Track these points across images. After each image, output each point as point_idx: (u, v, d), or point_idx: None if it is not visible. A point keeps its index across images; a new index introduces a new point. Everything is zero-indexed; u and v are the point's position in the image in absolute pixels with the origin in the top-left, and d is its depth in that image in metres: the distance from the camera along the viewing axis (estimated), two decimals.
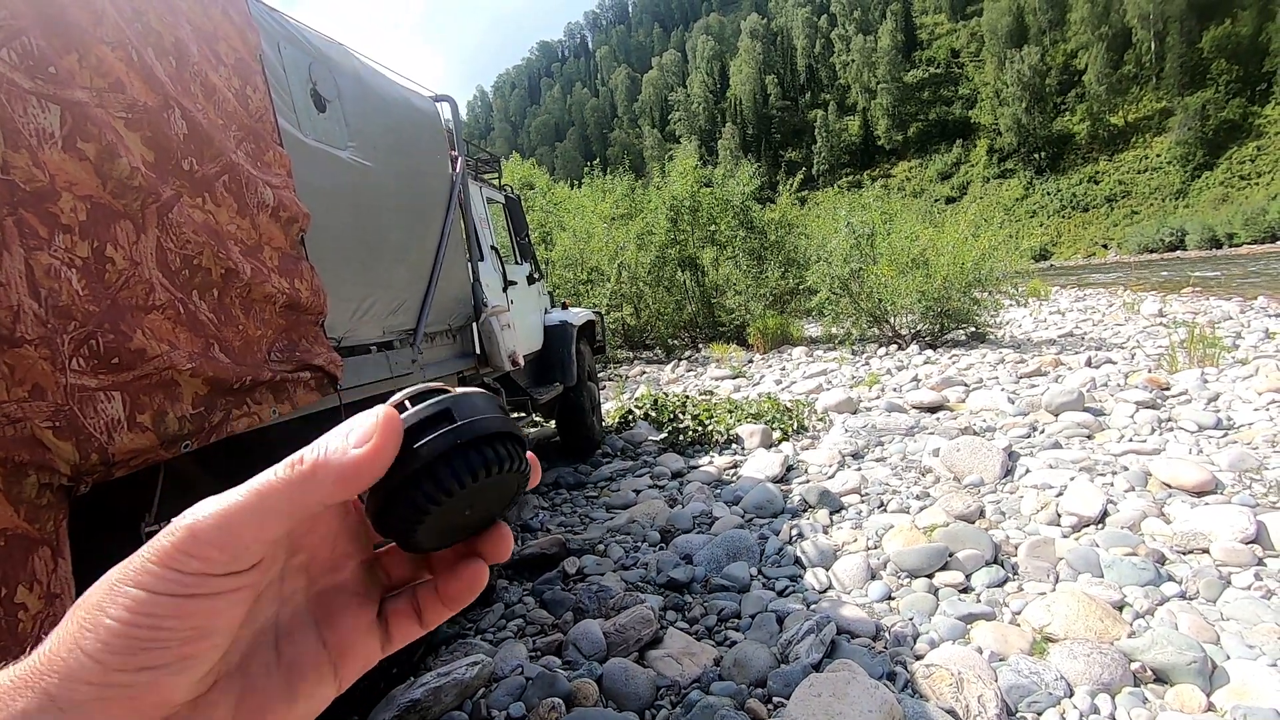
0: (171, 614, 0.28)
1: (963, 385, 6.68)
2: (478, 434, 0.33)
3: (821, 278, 11.13)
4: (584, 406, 5.38)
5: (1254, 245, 60.63)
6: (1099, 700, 2.09)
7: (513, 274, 4.78)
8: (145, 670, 0.28)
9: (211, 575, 0.29)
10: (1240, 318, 10.34)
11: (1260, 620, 2.40)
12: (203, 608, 0.29)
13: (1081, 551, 2.98)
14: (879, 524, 3.56)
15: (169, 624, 0.28)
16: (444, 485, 0.32)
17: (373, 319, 2.67)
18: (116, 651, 0.27)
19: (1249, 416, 4.73)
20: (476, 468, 0.33)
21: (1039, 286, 16.61)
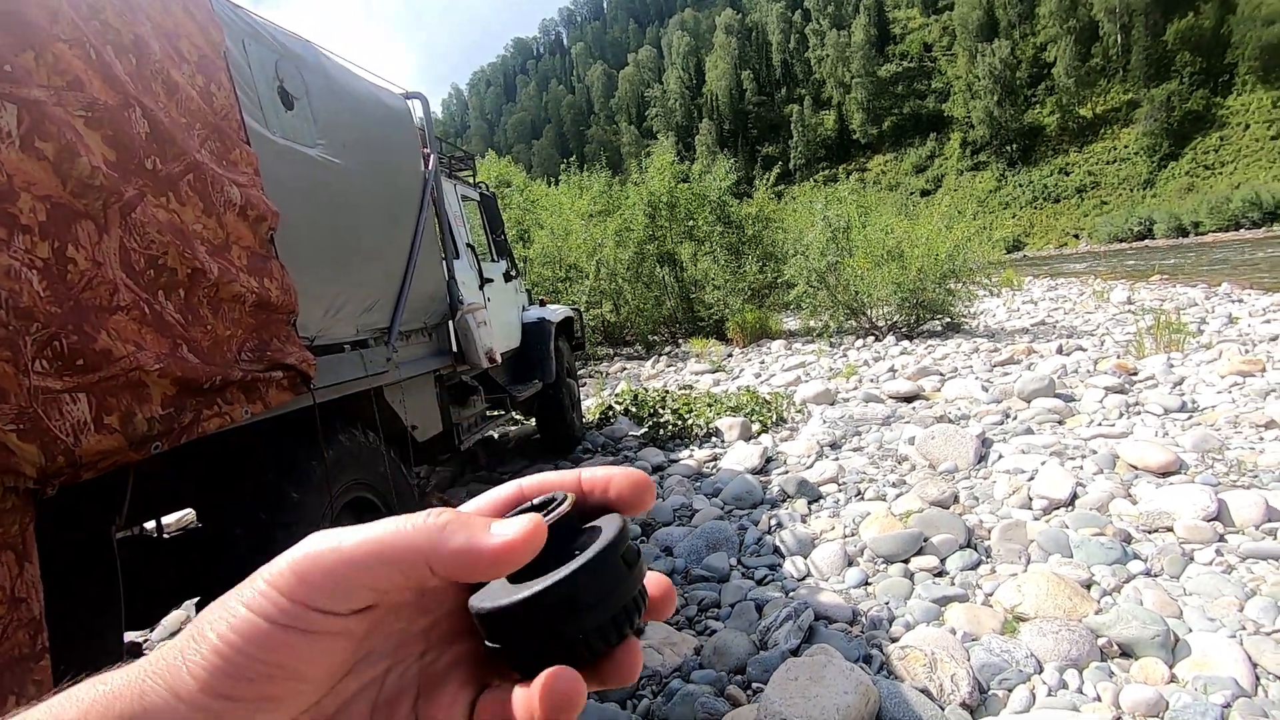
0: (268, 643, 0.27)
1: (938, 374, 6.78)
2: (628, 588, 0.32)
3: (799, 271, 11.22)
4: (564, 403, 5.39)
5: (1218, 233, 62.10)
6: (1067, 675, 2.15)
7: (489, 271, 4.77)
8: (228, 700, 0.27)
9: (312, 609, 0.28)
10: (1205, 304, 10.60)
11: (1220, 594, 2.48)
12: (296, 643, 0.27)
13: (1051, 533, 3.05)
14: (856, 512, 3.62)
15: (262, 654, 0.27)
16: (584, 623, 0.30)
17: (346, 317, 2.66)
18: (214, 673, 0.27)
19: (1212, 399, 4.87)
20: (623, 623, 0.31)
21: (1012, 277, 16.90)
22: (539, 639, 0.30)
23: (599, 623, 0.30)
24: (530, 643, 0.30)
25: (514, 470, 5.20)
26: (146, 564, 2.46)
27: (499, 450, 5.91)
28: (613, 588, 0.31)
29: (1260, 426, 4.18)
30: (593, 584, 0.30)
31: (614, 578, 0.31)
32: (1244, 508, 3.00)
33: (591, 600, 0.30)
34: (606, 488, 0.34)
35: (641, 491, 0.34)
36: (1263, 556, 2.70)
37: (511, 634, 0.31)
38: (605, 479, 0.35)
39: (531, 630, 0.30)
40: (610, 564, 0.31)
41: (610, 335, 13.24)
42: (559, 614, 0.30)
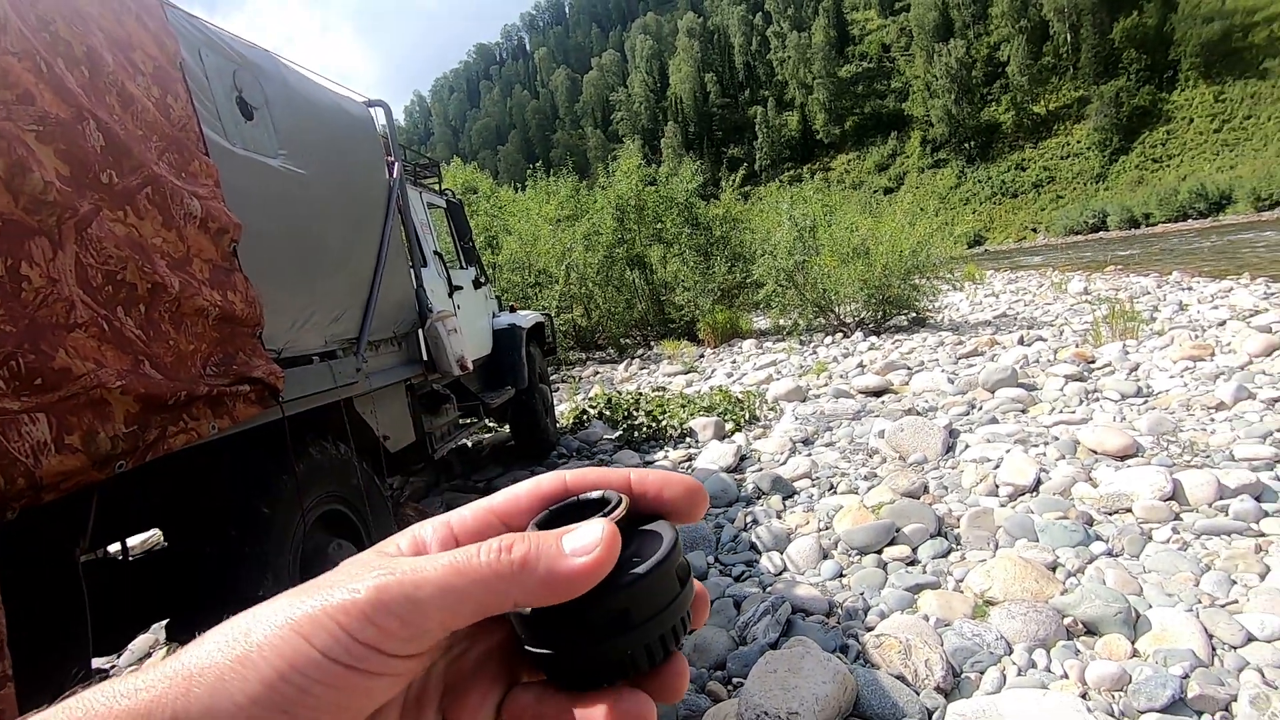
0: (325, 682, 0.25)
1: (905, 368, 6.91)
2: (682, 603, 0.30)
3: (767, 271, 11.34)
4: (537, 409, 5.37)
5: (1168, 224, 64.28)
6: (1035, 655, 2.21)
7: (458, 279, 4.74)
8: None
9: (382, 652, 0.26)
10: (1157, 292, 10.97)
11: (1178, 570, 2.57)
12: (356, 684, 0.26)
13: (1018, 518, 3.13)
14: (830, 505, 3.67)
15: (317, 690, 0.25)
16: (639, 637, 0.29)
17: (313, 328, 2.63)
18: (260, 704, 0.25)
19: (1166, 384, 5.04)
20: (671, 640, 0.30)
21: (974, 271, 17.27)
22: (587, 652, 0.29)
23: (650, 639, 0.29)
24: (577, 655, 0.29)
25: (489, 479, 5.17)
26: (112, 587, 2.40)
27: (473, 458, 5.87)
28: (667, 603, 0.29)
29: (1211, 409, 4.35)
30: (649, 599, 0.29)
31: (669, 592, 0.30)
32: (1197, 487, 3.12)
33: (646, 615, 0.29)
34: (660, 493, 0.32)
35: (696, 499, 0.33)
36: (1215, 533, 2.82)
37: (558, 643, 0.29)
38: (659, 483, 0.33)
39: (580, 642, 0.29)
40: (667, 577, 0.30)
41: (582, 340, 13.23)
42: (612, 627, 0.28)
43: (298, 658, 0.25)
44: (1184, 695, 1.93)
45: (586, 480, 0.33)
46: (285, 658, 0.25)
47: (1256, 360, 5.31)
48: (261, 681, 0.25)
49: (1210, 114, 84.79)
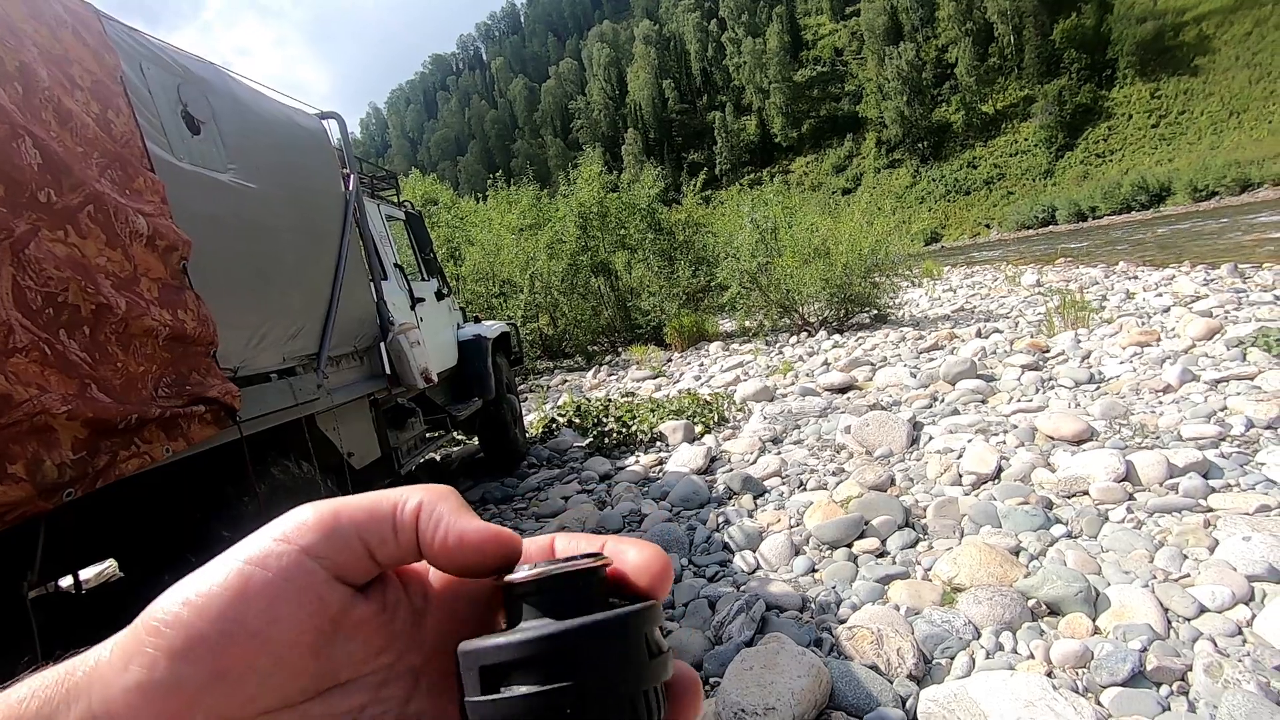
0: (233, 592, 0.27)
1: (869, 365, 7.03)
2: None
3: (731, 273, 11.44)
4: (505, 419, 5.33)
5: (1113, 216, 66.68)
6: (1002, 638, 2.27)
7: (420, 291, 4.69)
8: (169, 677, 0.26)
9: (306, 553, 0.27)
10: (1105, 282, 11.36)
11: (1133, 548, 2.66)
12: (264, 590, 0.27)
13: (981, 506, 3.21)
14: (800, 502, 3.71)
15: (222, 611, 0.26)
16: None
17: (271, 346, 2.57)
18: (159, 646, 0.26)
19: (1116, 369, 5.22)
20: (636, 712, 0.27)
21: (932, 267, 17.69)
22: (533, 708, 0.25)
23: (606, 699, 0.26)
24: (517, 709, 0.25)
25: (460, 491, 5.10)
26: (65, 622, 2.31)
27: (442, 472, 5.79)
28: (627, 664, 0.26)
29: (1159, 392, 4.52)
30: (602, 649, 0.26)
31: (630, 653, 0.26)
32: (1148, 467, 3.23)
33: (599, 667, 0.26)
34: (624, 557, 0.30)
35: (655, 564, 0.30)
36: (1167, 510, 2.92)
37: (495, 686, 0.26)
38: (623, 547, 0.31)
39: (525, 696, 0.25)
40: (629, 635, 0.27)
41: (549, 348, 13.17)
42: (557, 669, 0.25)
43: (204, 576, 0.27)
44: (1143, 668, 1.99)
45: (575, 544, 0.32)
46: (188, 583, 0.27)
47: (1199, 344, 5.53)
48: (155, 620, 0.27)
49: (1148, 110, 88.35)
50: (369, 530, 0.28)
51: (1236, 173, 61.45)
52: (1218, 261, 11.57)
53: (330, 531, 0.28)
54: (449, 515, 0.29)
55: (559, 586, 0.28)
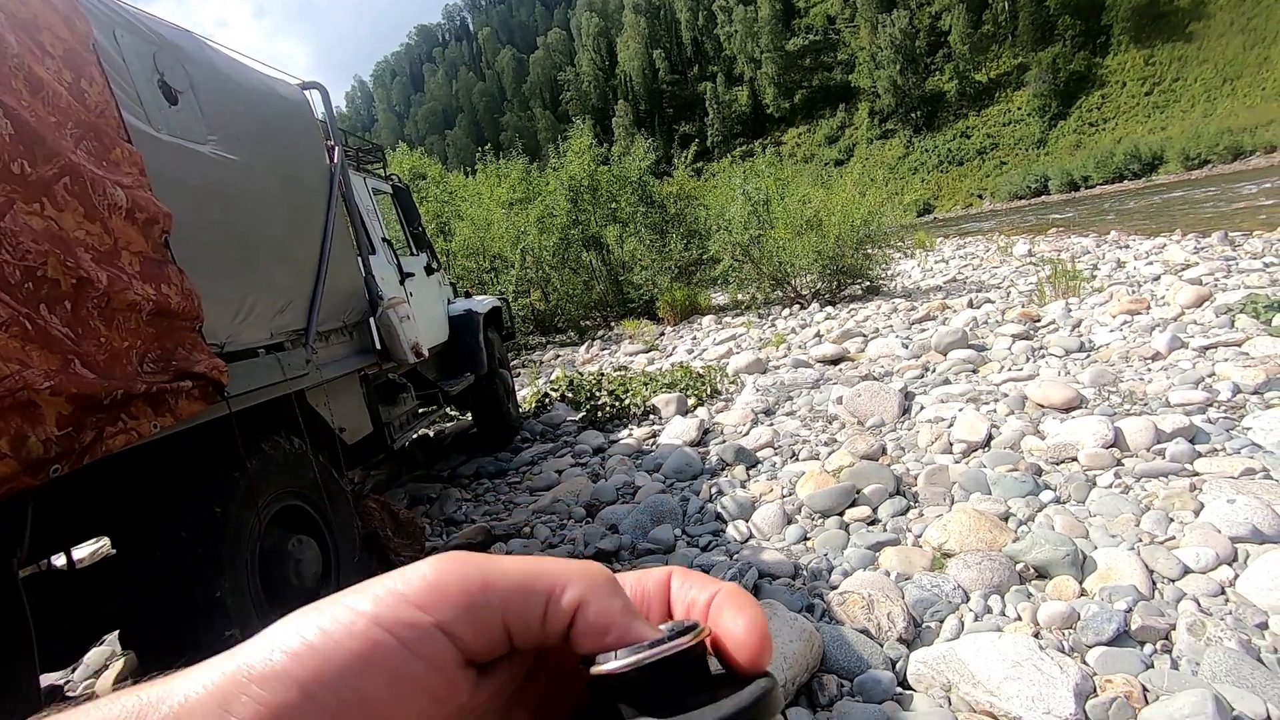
0: (369, 660, 0.24)
1: (861, 336, 7.04)
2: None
3: (723, 246, 11.38)
4: (498, 394, 5.32)
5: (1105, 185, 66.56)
6: (991, 601, 2.30)
7: (409, 265, 4.64)
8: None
9: (443, 630, 0.25)
10: (1096, 251, 11.37)
11: (1120, 512, 2.70)
12: (402, 668, 0.24)
13: (971, 473, 3.24)
14: (792, 472, 3.74)
15: (352, 679, 0.23)
16: None
17: (257, 321, 2.54)
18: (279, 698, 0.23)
19: (1106, 338, 5.25)
20: None
21: (924, 238, 17.64)
22: None
23: None
24: None
25: (453, 467, 5.11)
26: (58, 600, 2.31)
27: (435, 447, 5.80)
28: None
29: (1148, 359, 4.54)
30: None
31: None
32: (1136, 433, 3.26)
33: None
34: (720, 622, 0.28)
35: (754, 638, 0.28)
36: (1154, 475, 2.96)
37: None
38: (722, 608, 0.29)
39: None
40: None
41: (541, 324, 13.12)
42: None
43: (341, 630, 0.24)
44: (1128, 628, 2.03)
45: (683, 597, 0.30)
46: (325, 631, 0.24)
47: (1188, 311, 5.56)
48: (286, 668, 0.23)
49: (1141, 77, 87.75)
50: (516, 612, 0.25)
51: (1229, 140, 61.33)
52: (1209, 230, 11.59)
53: (474, 608, 0.25)
54: (619, 616, 0.26)
55: (655, 678, 0.25)
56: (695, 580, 0.30)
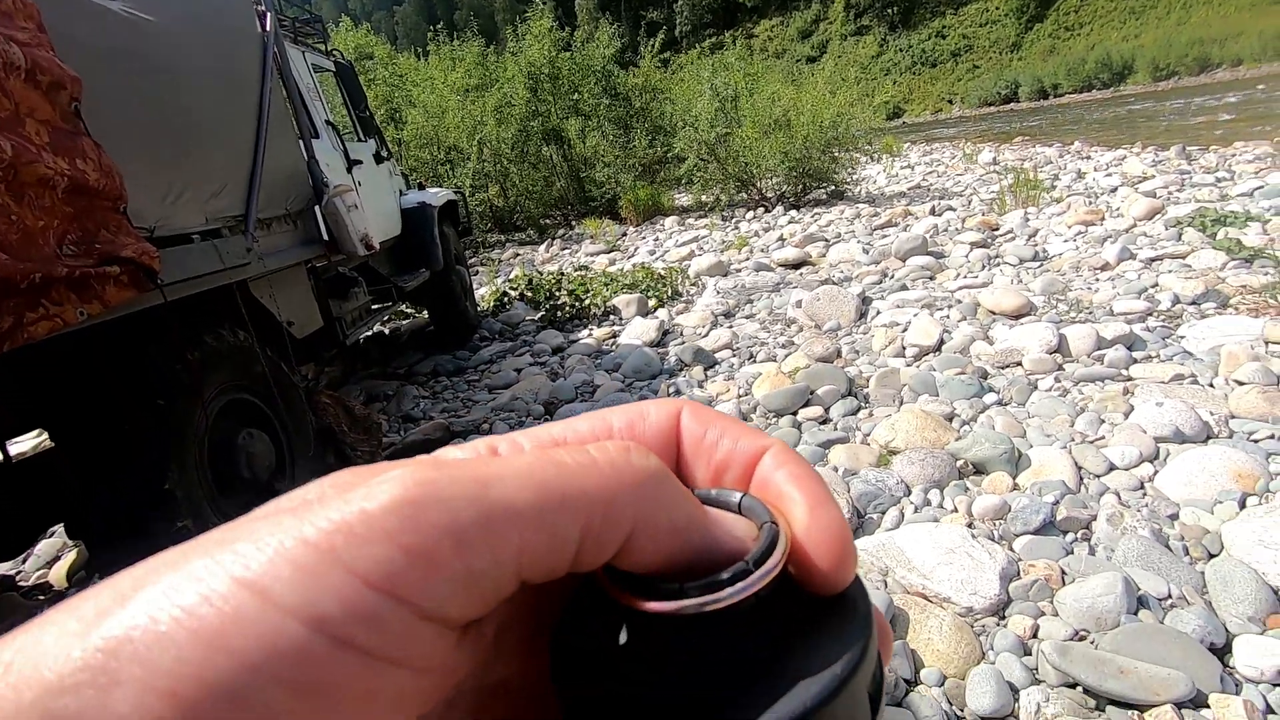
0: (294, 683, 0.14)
1: (823, 241, 7.02)
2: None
3: (688, 144, 11.03)
4: (455, 291, 5.19)
5: (1074, 94, 66.02)
6: (930, 494, 2.43)
7: (356, 152, 4.36)
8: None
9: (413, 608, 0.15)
10: (1059, 161, 11.39)
11: (1057, 414, 2.83)
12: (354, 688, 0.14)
13: (921, 376, 3.34)
14: (749, 373, 3.80)
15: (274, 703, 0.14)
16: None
17: (190, 204, 2.37)
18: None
19: (1060, 248, 5.34)
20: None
21: (892, 143, 17.37)
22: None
23: None
24: None
25: (410, 365, 5.04)
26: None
27: (391, 344, 5.70)
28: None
29: (1097, 269, 4.66)
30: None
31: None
32: (1079, 340, 3.38)
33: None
34: (791, 513, 0.21)
35: (836, 541, 0.20)
36: (1091, 380, 3.09)
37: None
38: (790, 493, 0.21)
39: None
40: (855, 699, 0.19)
41: (500, 221, 12.71)
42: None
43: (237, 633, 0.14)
44: (1054, 519, 2.17)
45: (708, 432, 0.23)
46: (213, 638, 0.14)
47: (1140, 223, 5.67)
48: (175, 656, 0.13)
49: None
50: (532, 558, 0.16)
51: (1198, 51, 60.92)
52: (1167, 143, 11.67)
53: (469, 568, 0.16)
54: (685, 535, 0.19)
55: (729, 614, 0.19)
56: (722, 425, 0.22)
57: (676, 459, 0.23)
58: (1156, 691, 1.52)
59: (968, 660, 1.71)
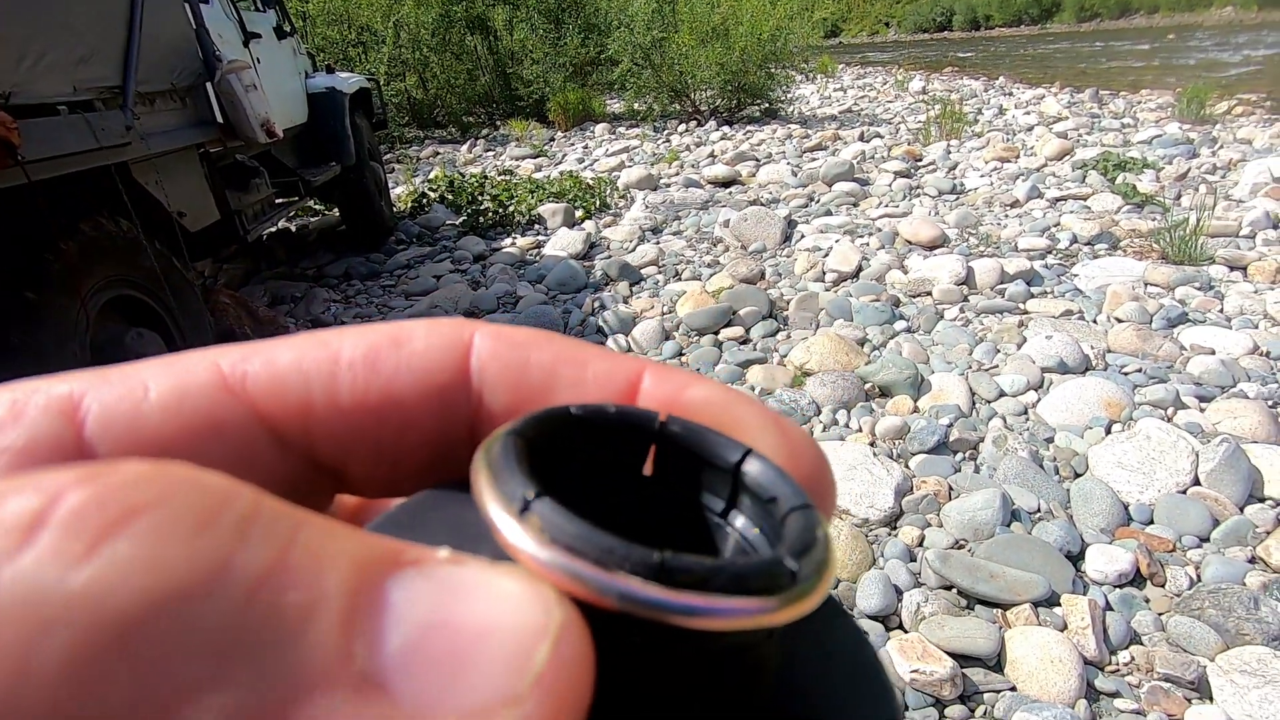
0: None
1: (754, 160, 6.97)
2: None
3: (623, 46, 10.49)
4: (369, 189, 4.87)
5: (1004, 28, 66.84)
6: (839, 414, 2.56)
7: (253, 24, 3.91)
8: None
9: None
10: (983, 95, 11.63)
11: (958, 342, 3.01)
12: None
13: (838, 301, 3.45)
14: (673, 291, 3.81)
15: None
16: None
17: (54, 69, 2.07)
18: None
19: (976, 182, 5.52)
20: None
21: (828, 63, 17.17)
22: None
23: None
24: None
25: (319, 265, 4.76)
26: None
27: (299, 243, 5.34)
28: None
29: (1008, 205, 4.86)
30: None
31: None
32: (985, 273, 3.56)
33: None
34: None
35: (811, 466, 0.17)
36: (992, 311, 3.29)
37: None
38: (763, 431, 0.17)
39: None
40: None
41: (418, 115, 11.87)
42: None
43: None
44: (947, 439, 2.35)
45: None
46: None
47: (1051, 163, 5.92)
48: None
49: None
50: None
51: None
52: (1083, 85, 12.08)
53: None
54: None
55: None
56: (555, 346, 0.18)
57: (471, 407, 0.17)
58: (1019, 593, 1.71)
59: (860, 566, 1.87)
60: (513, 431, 0.13)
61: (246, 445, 0.16)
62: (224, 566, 0.10)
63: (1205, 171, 5.35)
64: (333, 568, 0.11)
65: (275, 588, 0.10)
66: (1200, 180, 5.12)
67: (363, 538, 0.11)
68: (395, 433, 0.16)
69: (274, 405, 0.16)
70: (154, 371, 0.16)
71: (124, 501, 0.10)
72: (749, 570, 0.11)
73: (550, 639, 0.10)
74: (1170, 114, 8.10)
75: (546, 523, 0.11)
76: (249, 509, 0.11)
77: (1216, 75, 12.97)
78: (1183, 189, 4.89)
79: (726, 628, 0.11)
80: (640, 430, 0.14)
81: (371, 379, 0.16)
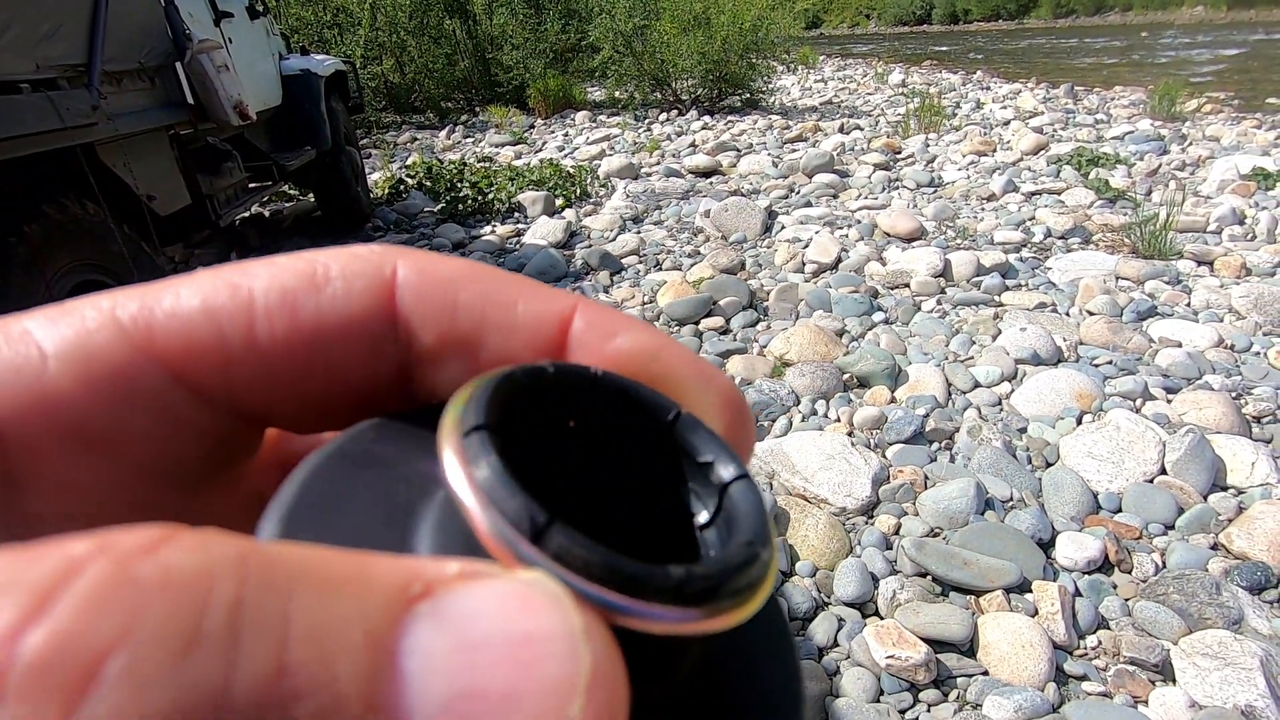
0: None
1: (735, 150, 6.97)
2: None
3: (604, 33, 10.41)
4: (344, 174, 4.79)
5: (982, 22, 67.47)
6: (817, 405, 2.58)
7: (225, 3, 3.81)
8: None
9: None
10: (962, 89, 11.73)
11: (935, 334, 3.05)
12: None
13: (818, 292, 3.47)
14: (654, 281, 3.80)
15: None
16: None
17: (15, 46, 2.00)
18: None
19: (954, 175, 5.58)
20: None
21: (808, 54, 17.20)
22: None
23: None
24: None
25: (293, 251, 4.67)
26: None
27: (273, 229, 5.24)
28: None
29: (984, 199, 4.92)
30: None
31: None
32: (961, 265, 3.61)
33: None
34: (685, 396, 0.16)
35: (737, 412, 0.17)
36: (968, 304, 3.33)
37: None
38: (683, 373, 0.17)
39: None
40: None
41: (396, 99, 11.68)
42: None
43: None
44: (923, 430, 2.38)
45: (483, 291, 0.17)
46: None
47: (1027, 158, 6.00)
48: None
49: None
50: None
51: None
52: (1058, 81, 12.25)
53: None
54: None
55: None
56: (484, 284, 0.17)
57: (398, 348, 0.16)
58: (991, 579, 1.74)
59: (837, 554, 1.89)
60: (481, 427, 0.12)
61: (163, 405, 0.15)
62: (223, 691, 0.08)
63: (1175, 168, 5.46)
64: (340, 652, 0.09)
65: (280, 703, 0.09)
66: (1170, 176, 5.22)
67: (364, 578, 0.10)
68: (320, 381, 0.16)
69: (187, 360, 0.15)
70: (44, 332, 0.14)
71: (87, 645, 0.08)
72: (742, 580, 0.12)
73: (582, 691, 0.10)
74: (1142, 111, 8.25)
75: (566, 552, 0.11)
76: (234, 593, 0.09)
77: (1186, 73, 13.22)
78: (1153, 185, 4.99)
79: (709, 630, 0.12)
80: (575, 389, 0.15)
81: (292, 329, 0.15)
